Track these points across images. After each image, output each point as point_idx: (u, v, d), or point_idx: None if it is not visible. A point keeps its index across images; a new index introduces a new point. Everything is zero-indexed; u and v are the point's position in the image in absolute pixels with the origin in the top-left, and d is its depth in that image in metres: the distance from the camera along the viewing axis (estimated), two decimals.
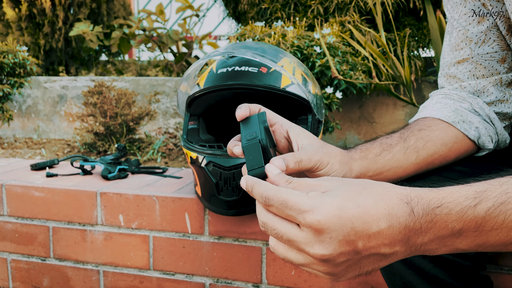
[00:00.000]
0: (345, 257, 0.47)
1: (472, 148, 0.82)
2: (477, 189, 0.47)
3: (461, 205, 0.46)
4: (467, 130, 0.80)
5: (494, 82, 0.82)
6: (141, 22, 2.93)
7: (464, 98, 0.83)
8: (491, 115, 0.82)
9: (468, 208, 0.46)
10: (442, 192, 0.48)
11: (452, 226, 0.46)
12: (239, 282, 1.10)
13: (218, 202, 0.98)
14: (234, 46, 1.04)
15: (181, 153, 1.86)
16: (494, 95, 0.82)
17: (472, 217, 0.46)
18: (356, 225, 0.46)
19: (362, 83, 1.51)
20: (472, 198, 0.47)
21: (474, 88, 0.83)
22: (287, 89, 0.98)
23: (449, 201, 0.47)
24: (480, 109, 0.82)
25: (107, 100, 1.84)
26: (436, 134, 0.77)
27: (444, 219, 0.46)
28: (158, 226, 1.14)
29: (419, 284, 0.71)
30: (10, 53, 1.99)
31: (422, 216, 0.47)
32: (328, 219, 0.46)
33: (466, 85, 0.84)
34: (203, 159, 0.97)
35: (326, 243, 0.46)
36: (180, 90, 1.15)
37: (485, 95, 0.83)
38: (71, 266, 1.22)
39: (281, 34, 1.53)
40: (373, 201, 0.47)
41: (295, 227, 0.48)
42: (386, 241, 0.47)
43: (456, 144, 0.79)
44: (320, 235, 0.46)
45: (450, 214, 0.46)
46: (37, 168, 1.37)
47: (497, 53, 0.80)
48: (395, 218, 0.47)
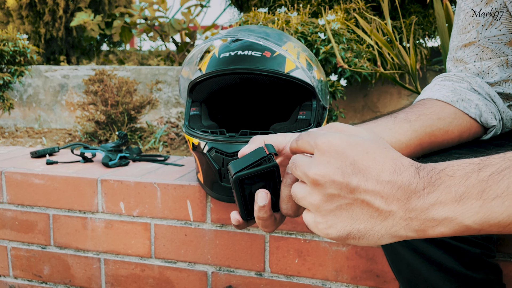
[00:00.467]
0: (336, 190, 0.47)
1: (476, 128, 0.79)
2: (481, 157, 0.47)
3: (464, 170, 0.46)
4: (466, 108, 0.77)
5: (500, 63, 0.80)
6: (143, 11, 2.90)
7: (462, 78, 0.81)
8: (491, 93, 0.80)
9: (472, 172, 0.45)
10: (446, 161, 0.48)
11: (455, 190, 0.45)
12: (242, 270, 1.09)
13: (220, 188, 0.96)
14: (237, 29, 1.01)
15: (183, 143, 1.84)
16: (498, 75, 0.80)
17: (475, 181, 0.45)
18: (358, 162, 0.46)
19: (367, 71, 1.49)
20: (476, 164, 0.46)
21: (478, 70, 0.81)
22: (291, 74, 0.96)
23: (454, 165, 0.46)
24: (479, 88, 0.80)
25: (108, 88, 1.82)
26: (430, 110, 0.76)
27: (448, 182, 0.45)
28: (159, 213, 1.12)
29: (426, 272, 0.69)
30: (10, 41, 1.96)
31: (427, 177, 0.46)
32: (332, 144, 0.47)
33: (471, 67, 0.82)
34: (205, 145, 0.95)
35: (323, 164, 0.47)
36: (181, 76, 1.13)
37: (489, 76, 0.81)
38: (72, 254, 1.21)
39: (285, 20, 1.50)
40: (384, 155, 0.47)
41: (303, 156, 0.50)
42: (383, 192, 0.45)
43: (455, 120, 0.76)
44: (321, 157, 0.47)
45: (454, 176, 0.45)
46: (37, 156, 1.36)
47: (504, 35, 0.78)
48: (398, 175, 0.46)
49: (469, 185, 0.45)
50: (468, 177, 0.45)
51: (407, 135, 0.71)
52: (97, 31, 2.89)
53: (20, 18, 2.94)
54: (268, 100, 1.11)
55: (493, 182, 0.44)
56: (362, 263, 1.00)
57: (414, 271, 0.70)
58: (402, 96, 1.93)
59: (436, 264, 0.69)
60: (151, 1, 2.95)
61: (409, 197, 0.45)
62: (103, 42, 3.34)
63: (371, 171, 0.46)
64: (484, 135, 0.82)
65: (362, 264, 1.00)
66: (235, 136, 0.94)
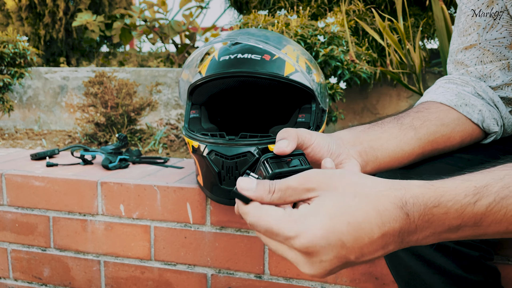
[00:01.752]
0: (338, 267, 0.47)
1: (478, 133, 0.79)
2: (476, 184, 0.46)
3: (460, 203, 0.45)
4: (470, 113, 0.78)
5: (502, 66, 0.80)
6: (142, 13, 2.91)
7: (467, 82, 0.81)
8: (494, 98, 0.80)
9: (468, 205, 0.45)
10: (441, 190, 0.46)
11: (449, 223, 0.46)
12: (241, 273, 1.09)
13: (220, 191, 0.96)
14: (237, 32, 1.02)
15: (182, 144, 1.84)
16: (500, 79, 0.80)
17: (471, 214, 0.45)
18: (347, 242, 0.45)
19: (366, 73, 1.49)
20: (472, 195, 0.45)
21: (480, 73, 0.81)
22: (290, 77, 0.96)
23: (447, 199, 0.45)
24: (484, 93, 0.80)
25: (108, 90, 1.83)
26: (435, 116, 0.75)
27: (442, 218, 0.46)
28: (159, 216, 1.12)
29: (425, 274, 0.70)
30: (10, 43, 1.97)
31: (418, 218, 0.46)
32: (315, 243, 0.45)
33: (472, 70, 0.82)
34: (205, 148, 0.96)
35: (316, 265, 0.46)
36: (181, 78, 1.13)
37: (491, 80, 0.81)
38: (72, 256, 1.21)
39: (285, 23, 1.51)
40: (365, 213, 0.45)
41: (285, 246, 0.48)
42: (379, 247, 0.46)
43: (458, 126, 0.77)
44: (310, 258, 0.46)
45: (448, 213, 0.45)
46: (37, 158, 1.36)
47: (505, 38, 0.78)
48: (388, 225, 0.45)
49: (464, 217, 0.45)
50: (464, 210, 0.45)
51: (411, 144, 0.71)
52: (97, 32, 2.90)
53: (19, 20, 2.94)
54: (268, 103, 1.11)
55: (490, 213, 0.45)
56: (361, 266, 1.01)
57: (413, 274, 0.71)
58: (401, 98, 1.94)
59: (435, 267, 0.69)
60: (152, 3, 2.95)
61: (403, 238, 0.47)
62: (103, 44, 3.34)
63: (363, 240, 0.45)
64: (484, 139, 0.82)
65: (361, 267, 1.00)
66: (234, 139, 0.94)
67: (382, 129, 0.70)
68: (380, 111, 1.97)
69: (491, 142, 0.82)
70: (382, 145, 0.68)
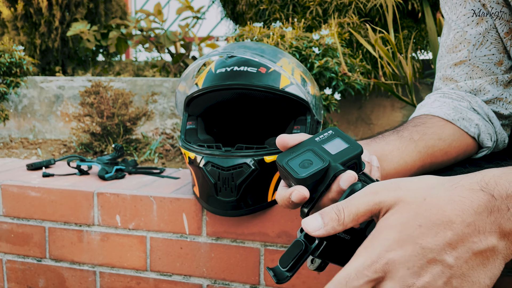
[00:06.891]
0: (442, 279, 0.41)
1: (472, 147, 0.81)
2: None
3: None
4: (467, 127, 0.79)
5: (491, 81, 0.81)
6: (138, 22, 2.93)
7: (463, 97, 0.83)
8: (489, 114, 0.82)
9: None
10: None
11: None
12: (237, 284, 1.10)
13: (216, 202, 0.97)
14: (233, 46, 1.03)
15: (178, 154, 1.85)
16: (491, 93, 0.82)
17: None
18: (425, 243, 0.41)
19: (360, 85, 1.51)
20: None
21: (470, 87, 0.83)
22: (286, 89, 0.98)
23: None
24: (479, 108, 0.81)
25: (104, 100, 1.83)
26: (432, 131, 0.76)
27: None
28: (155, 226, 1.13)
29: None
30: (7, 52, 1.97)
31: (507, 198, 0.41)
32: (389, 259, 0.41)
33: (462, 85, 0.83)
34: (202, 159, 0.97)
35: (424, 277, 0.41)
36: (178, 90, 1.15)
37: (482, 94, 0.82)
38: (67, 267, 1.21)
39: (280, 35, 1.53)
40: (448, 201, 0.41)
41: None
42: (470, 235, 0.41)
43: (455, 141, 0.78)
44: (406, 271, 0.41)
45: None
46: (33, 168, 1.36)
47: (494, 55, 0.80)
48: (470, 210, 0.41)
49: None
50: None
51: (412, 157, 0.72)
52: (93, 42, 2.91)
53: (15, 29, 2.95)
54: (263, 115, 1.13)
55: None
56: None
57: None
58: (395, 108, 1.96)
59: None
60: (148, 12, 2.97)
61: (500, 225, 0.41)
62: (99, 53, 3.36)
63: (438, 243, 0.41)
64: (476, 154, 0.84)
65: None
66: (231, 151, 0.95)
67: (385, 141, 0.71)
68: (374, 122, 1.99)
69: (483, 157, 0.84)
70: (387, 156, 0.69)
